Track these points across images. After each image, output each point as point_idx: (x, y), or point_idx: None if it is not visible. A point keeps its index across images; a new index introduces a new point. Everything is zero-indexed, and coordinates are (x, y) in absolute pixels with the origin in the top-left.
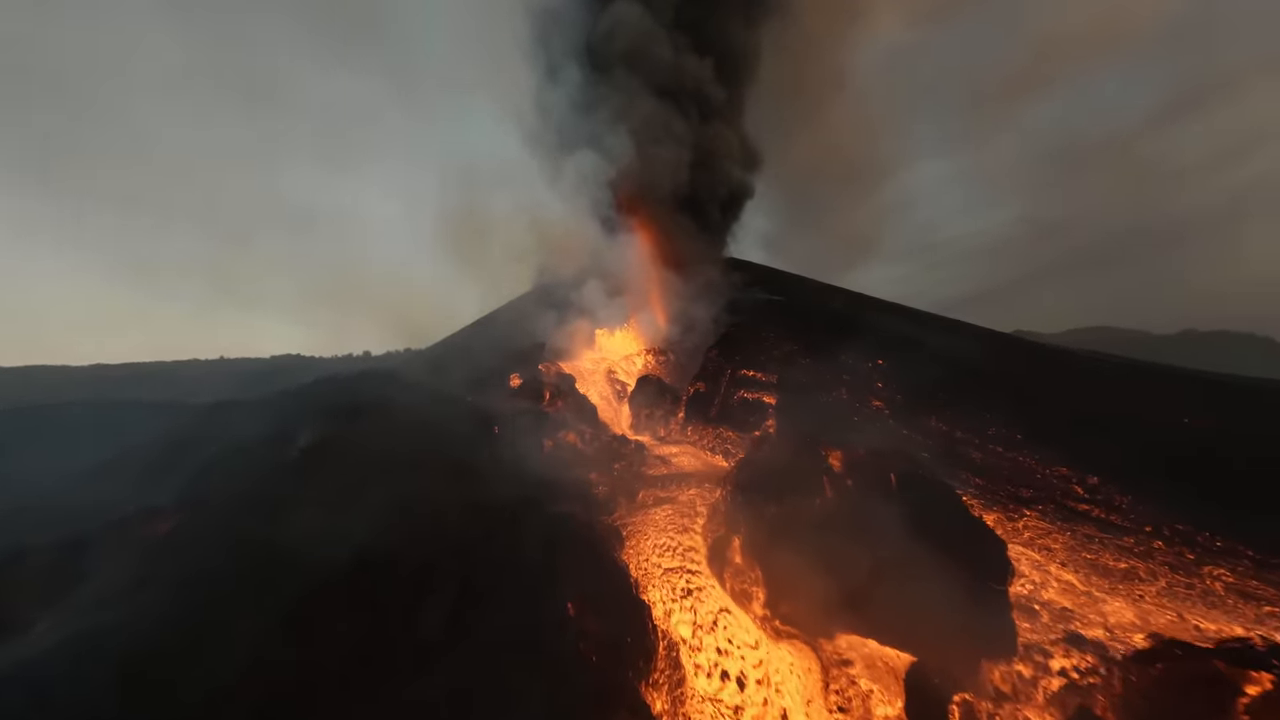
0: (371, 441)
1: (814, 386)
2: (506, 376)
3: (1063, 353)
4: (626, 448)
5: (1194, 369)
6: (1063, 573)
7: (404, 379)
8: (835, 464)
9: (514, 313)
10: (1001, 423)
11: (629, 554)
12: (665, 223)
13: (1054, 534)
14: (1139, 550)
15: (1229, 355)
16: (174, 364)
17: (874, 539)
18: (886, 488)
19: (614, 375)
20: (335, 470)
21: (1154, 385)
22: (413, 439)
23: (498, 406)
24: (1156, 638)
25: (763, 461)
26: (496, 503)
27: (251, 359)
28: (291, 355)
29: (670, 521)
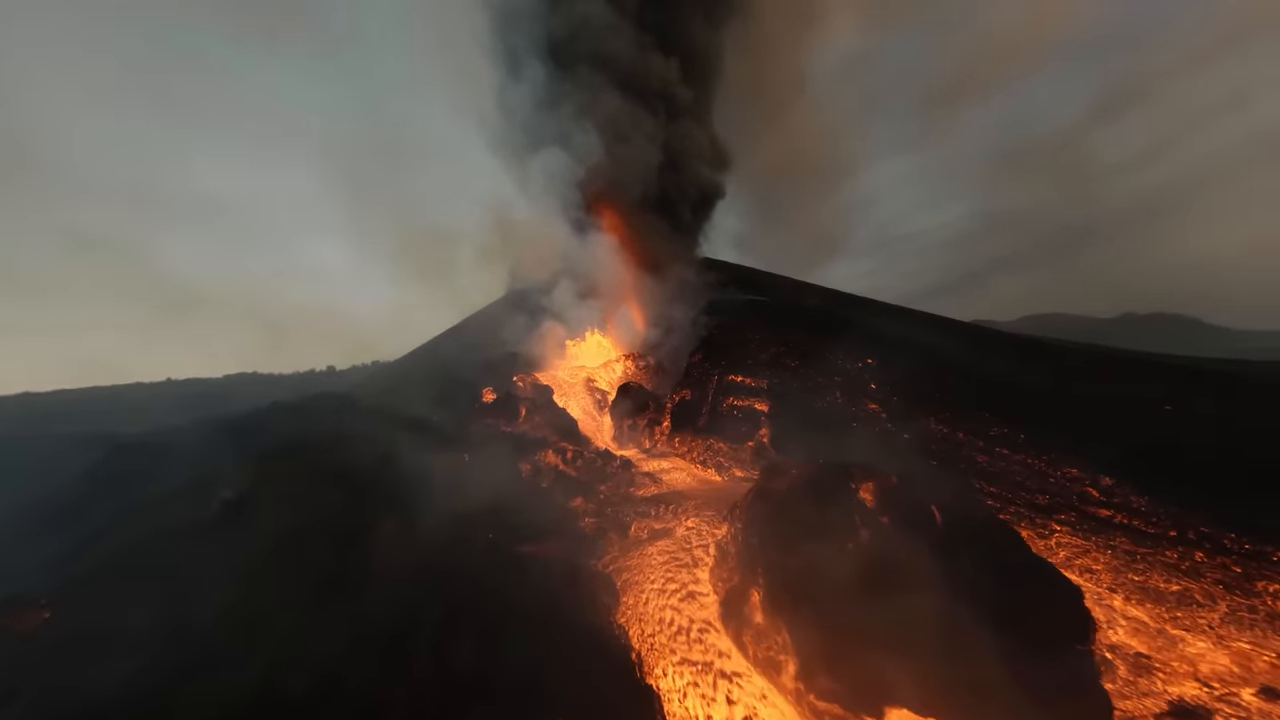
0: (309, 493)
1: (806, 391)
2: (478, 391)
3: (1034, 343)
4: (612, 465)
5: (1161, 354)
6: (1128, 608)
7: (361, 402)
8: (867, 498)
9: (485, 321)
10: (1000, 422)
11: (626, 613)
12: (637, 223)
13: (1092, 552)
14: (1185, 567)
15: (1165, 335)
16: (112, 389)
17: (923, 592)
18: (930, 526)
19: (593, 384)
20: (260, 533)
21: (1128, 373)
22: (359, 485)
23: (468, 428)
24: (1271, 693)
25: (779, 496)
26: (460, 569)
27: (202, 379)
28: (247, 374)
29: (671, 563)
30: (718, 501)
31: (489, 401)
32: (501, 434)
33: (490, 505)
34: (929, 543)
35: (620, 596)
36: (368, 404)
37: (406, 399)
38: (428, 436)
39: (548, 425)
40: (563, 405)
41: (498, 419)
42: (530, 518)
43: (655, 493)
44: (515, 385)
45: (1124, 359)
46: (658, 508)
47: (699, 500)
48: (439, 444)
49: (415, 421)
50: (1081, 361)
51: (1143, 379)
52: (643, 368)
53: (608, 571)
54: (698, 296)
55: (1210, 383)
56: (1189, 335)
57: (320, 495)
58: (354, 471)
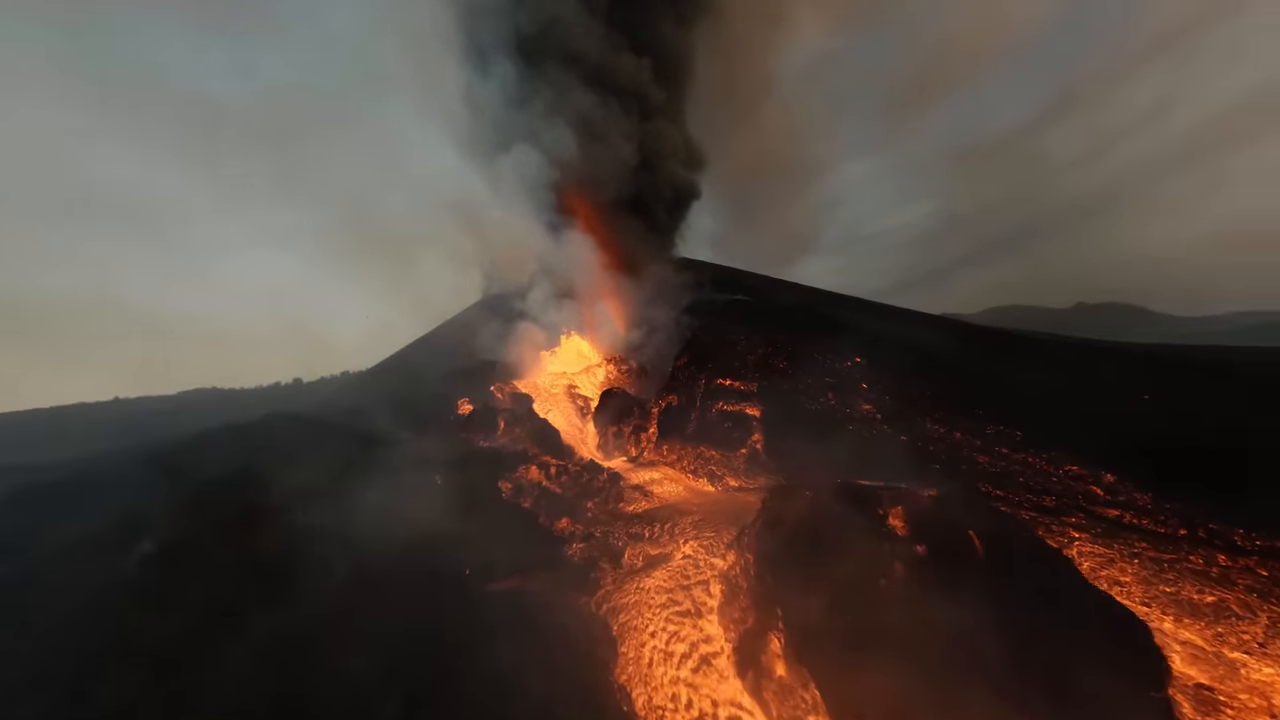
0: (249, 542)
1: (797, 393)
2: (452, 403)
3: (1010, 336)
4: (599, 479)
5: (1126, 342)
6: (1180, 630)
7: (321, 421)
8: (897, 525)
9: (459, 328)
10: (996, 419)
11: (627, 669)
12: (613, 223)
13: (1118, 561)
14: (1214, 574)
15: (1115, 323)
16: (52, 411)
17: (973, 637)
18: (972, 555)
19: (575, 390)
20: (191, 599)
21: (1100, 362)
22: (308, 528)
23: (441, 445)
24: None
25: (793, 523)
26: (426, 630)
27: (153, 398)
28: (205, 390)
29: (673, 600)
30: (715, 518)
31: (464, 414)
32: (478, 450)
33: (466, 534)
34: (973, 576)
35: (618, 645)
36: (327, 423)
37: (373, 415)
38: (394, 458)
39: (528, 437)
40: (544, 415)
41: (474, 433)
42: (512, 547)
43: (646, 508)
44: (492, 395)
45: (1097, 349)
46: (651, 527)
47: (695, 517)
48: (408, 466)
49: (381, 440)
50: (1056, 352)
51: (1113, 368)
52: (625, 371)
53: (601, 613)
54: (678, 297)
55: (1178, 369)
56: (1136, 323)
57: (260, 539)
58: (303, 510)
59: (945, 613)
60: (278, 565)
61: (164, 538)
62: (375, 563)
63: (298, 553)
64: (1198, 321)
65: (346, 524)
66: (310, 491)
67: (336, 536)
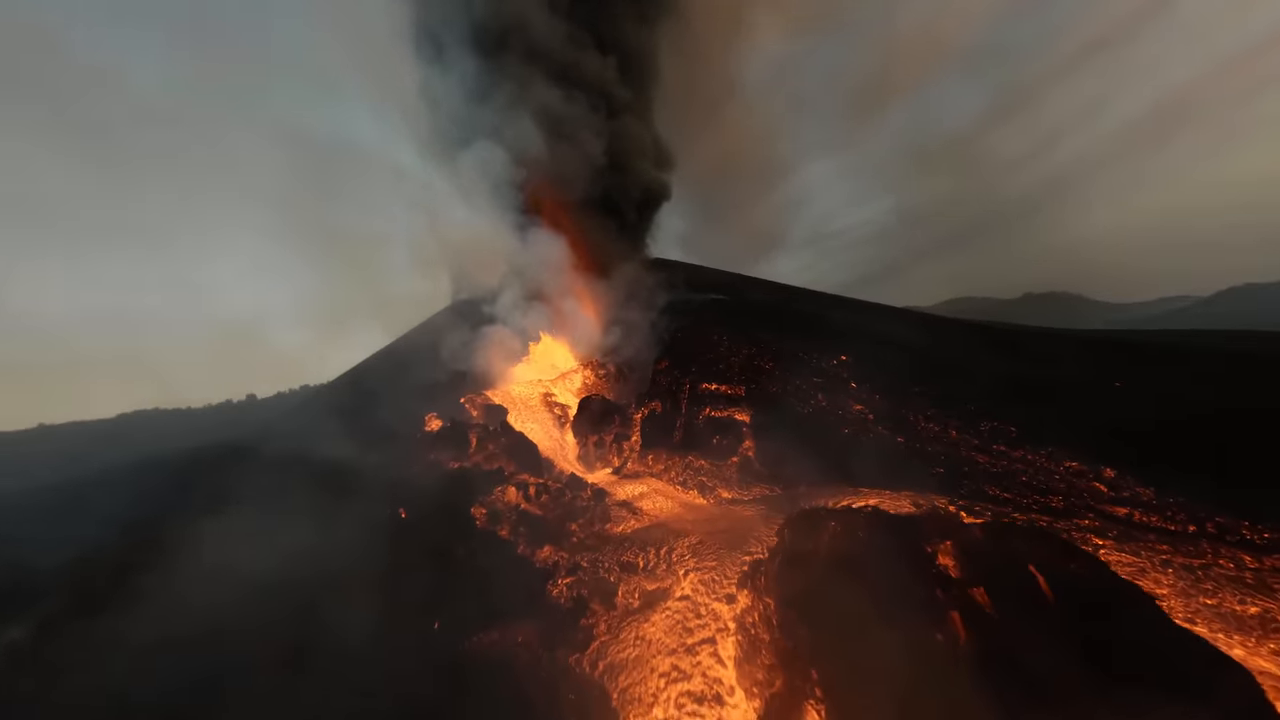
0: (153, 629)
1: (786, 395)
2: (419, 420)
3: (976, 327)
4: (582, 497)
5: (1082, 330)
6: (1253, 658)
7: (257, 452)
8: (947, 563)
9: (426, 336)
10: (988, 415)
11: None
12: (583, 223)
13: (1149, 571)
14: (1250, 580)
15: (1059, 311)
16: None
17: (1057, 704)
18: (1037, 595)
19: (552, 399)
20: (87, 685)
21: (1064, 351)
22: (238, 601)
23: (407, 469)
24: None
25: (821, 564)
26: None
27: (87, 422)
28: (146, 412)
29: (678, 669)
30: (714, 540)
31: (433, 431)
32: (449, 472)
33: (435, 581)
34: (1047, 625)
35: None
36: (274, 452)
37: (328, 437)
38: (348, 491)
39: (504, 453)
40: (520, 427)
41: (444, 452)
42: (490, 592)
43: (636, 527)
44: (463, 409)
45: (1058, 338)
46: (645, 553)
47: (692, 539)
48: (364, 499)
49: (334, 470)
50: (1023, 343)
51: (1077, 356)
52: (603, 376)
53: (598, 674)
54: (653, 297)
55: (1135, 355)
56: (1077, 310)
57: (186, 604)
58: (233, 570)
59: (1021, 671)
60: (193, 646)
61: (24, 633)
62: (322, 632)
63: (213, 628)
64: (1129, 307)
65: (280, 582)
66: (232, 539)
67: (264, 598)
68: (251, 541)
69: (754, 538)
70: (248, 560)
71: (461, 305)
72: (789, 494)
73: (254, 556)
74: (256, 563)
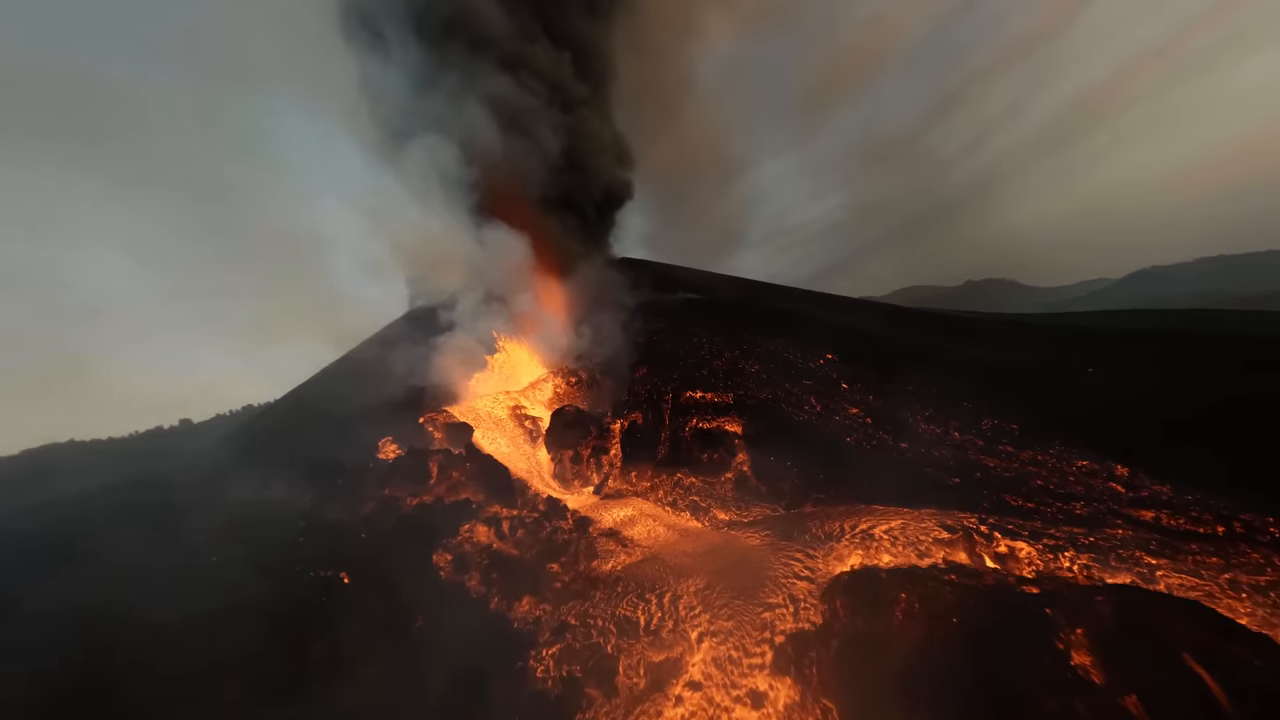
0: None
1: (779, 401)
2: (371, 447)
3: (940, 316)
4: (563, 529)
5: (1033, 314)
6: None
7: (178, 496)
8: (1083, 662)
9: (381, 348)
10: (987, 412)
11: None
12: (544, 222)
13: (1219, 597)
14: None
15: (997, 296)
16: None
17: None
18: (1209, 706)
19: (522, 411)
20: None
21: (1026, 337)
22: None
23: (354, 514)
24: None
25: (904, 649)
26: None
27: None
28: (52, 446)
29: None
30: (721, 578)
31: (387, 460)
32: (406, 514)
33: (380, 678)
34: None
35: None
36: (187, 499)
37: (256, 478)
38: (278, 546)
39: (471, 480)
40: (488, 447)
41: (400, 486)
42: (452, 683)
43: (628, 563)
44: (423, 430)
45: (1016, 324)
46: (644, 603)
47: (696, 579)
48: (298, 562)
49: (264, 520)
50: (988, 331)
51: (1039, 342)
52: (574, 383)
53: None
54: (623, 298)
55: (1092, 339)
56: (1012, 295)
57: None
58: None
59: None
60: None
61: None
62: None
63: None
64: (1056, 290)
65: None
66: (113, 621)
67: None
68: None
69: (770, 579)
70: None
71: (419, 313)
72: (794, 514)
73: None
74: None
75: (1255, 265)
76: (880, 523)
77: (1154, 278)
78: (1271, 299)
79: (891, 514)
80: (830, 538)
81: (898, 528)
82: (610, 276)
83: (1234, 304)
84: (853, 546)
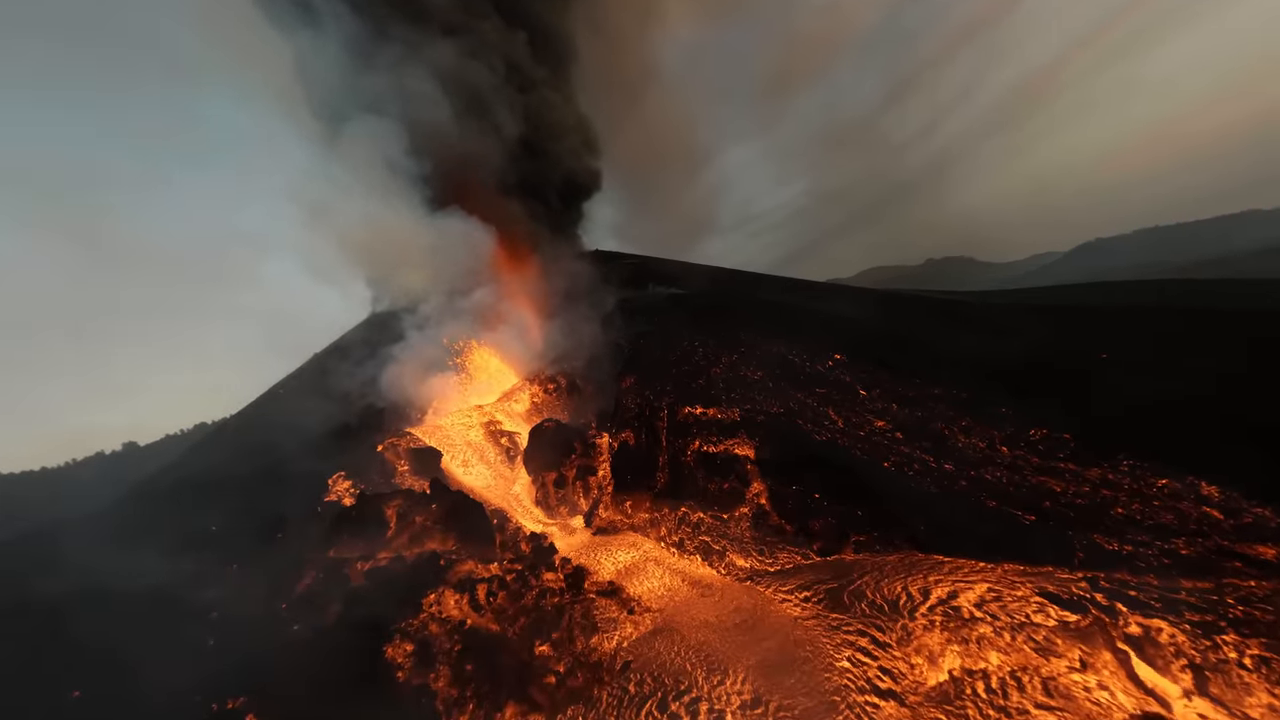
0: None
1: (793, 415)
2: (320, 486)
3: (936, 302)
4: (551, 588)
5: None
6: None
7: (64, 576)
8: None
9: (333, 362)
10: (1028, 419)
11: None
12: (505, 211)
13: None
14: None
15: (957, 274)
16: None
17: None
18: None
19: (497, 427)
20: None
21: (1023, 320)
22: None
23: (282, 589)
24: None
25: None
26: None
27: None
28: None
29: None
30: (767, 678)
31: (338, 503)
32: (352, 590)
33: None
34: None
35: None
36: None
37: (156, 559)
38: (175, 648)
39: (439, 525)
40: (459, 474)
41: (349, 545)
42: None
43: (636, 636)
44: (383, 461)
45: (996, 306)
46: (667, 716)
47: (733, 679)
48: (197, 698)
49: (156, 599)
50: (988, 316)
51: (1033, 325)
52: (553, 390)
53: None
54: (600, 294)
55: (1084, 319)
56: (970, 272)
57: None
58: None
59: None
60: None
61: None
62: None
63: None
64: (1010, 265)
65: None
66: None
67: None
68: None
69: (836, 694)
70: None
71: (382, 318)
72: (833, 563)
73: None
74: None
75: (1187, 236)
76: (960, 586)
77: (1098, 250)
78: (1207, 267)
79: (966, 570)
80: (898, 610)
81: (988, 597)
82: (583, 270)
83: (1175, 273)
84: (937, 630)
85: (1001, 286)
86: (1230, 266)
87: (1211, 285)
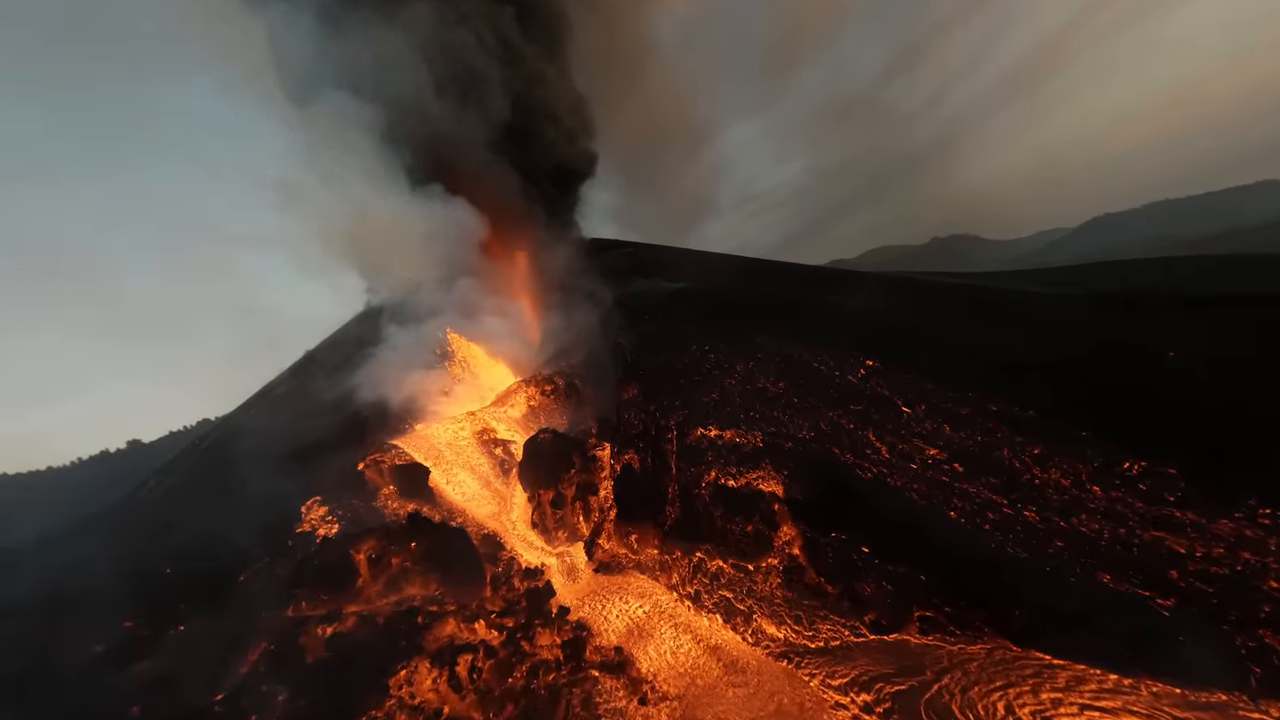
0: None
1: (826, 440)
2: (293, 515)
3: (938, 285)
4: (547, 658)
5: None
6: None
7: None
8: None
9: (315, 365)
10: (1119, 449)
11: None
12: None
13: None
14: None
15: (963, 253)
16: None
17: None
18: None
19: (490, 435)
20: None
21: (1059, 309)
22: None
23: (234, 670)
24: None
25: None
26: None
27: None
28: None
29: None
30: None
31: (312, 533)
32: (313, 663)
33: None
34: None
35: None
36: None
37: (83, 630)
38: None
39: (419, 566)
40: (451, 491)
41: (313, 600)
42: None
43: None
44: (364, 481)
45: (1028, 295)
46: None
47: None
48: None
49: None
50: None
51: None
52: (550, 392)
53: None
54: (598, 286)
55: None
56: (976, 251)
57: None
58: None
59: None
60: None
61: None
62: None
63: None
64: (1017, 243)
65: None
66: None
67: None
68: None
69: None
70: None
71: (375, 314)
72: (895, 647)
73: None
74: None
75: (1198, 209)
76: (1089, 711)
77: (1107, 225)
78: (1218, 241)
79: (1093, 685)
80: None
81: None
82: (581, 260)
83: (1187, 248)
84: None
85: (1010, 266)
86: (1241, 240)
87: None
